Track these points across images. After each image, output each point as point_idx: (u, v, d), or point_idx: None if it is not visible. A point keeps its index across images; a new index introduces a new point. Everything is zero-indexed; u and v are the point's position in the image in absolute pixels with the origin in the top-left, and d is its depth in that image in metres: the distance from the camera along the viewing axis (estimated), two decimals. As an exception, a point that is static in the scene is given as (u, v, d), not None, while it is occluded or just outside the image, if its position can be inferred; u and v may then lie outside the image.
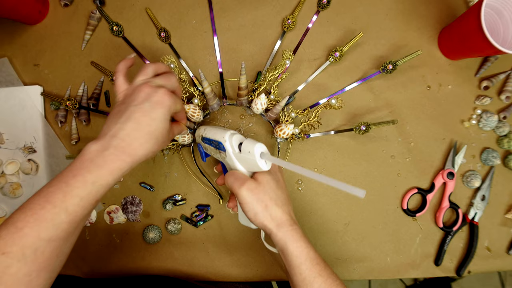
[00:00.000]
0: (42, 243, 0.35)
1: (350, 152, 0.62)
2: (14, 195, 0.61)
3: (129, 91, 0.43)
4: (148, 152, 0.41)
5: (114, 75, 0.48)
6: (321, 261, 0.44)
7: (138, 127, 0.40)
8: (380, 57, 0.62)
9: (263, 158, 0.43)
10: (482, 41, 0.50)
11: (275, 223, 0.44)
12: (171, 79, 0.45)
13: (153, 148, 0.41)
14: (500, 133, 0.61)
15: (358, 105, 0.62)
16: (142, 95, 0.41)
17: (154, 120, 0.41)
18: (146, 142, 0.40)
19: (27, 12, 0.60)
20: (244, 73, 0.51)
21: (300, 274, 0.42)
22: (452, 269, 0.61)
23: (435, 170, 0.62)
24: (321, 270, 0.43)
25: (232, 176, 0.46)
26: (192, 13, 0.63)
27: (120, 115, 0.41)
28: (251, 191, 0.44)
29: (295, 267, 0.43)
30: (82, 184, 0.37)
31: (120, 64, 0.46)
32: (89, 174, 0.37)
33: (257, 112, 0.57)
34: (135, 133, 0.40)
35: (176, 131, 0.50)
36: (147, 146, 0.40)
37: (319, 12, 0.62)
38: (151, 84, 0.42)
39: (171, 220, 0.62)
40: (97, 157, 0.38)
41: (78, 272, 0.62)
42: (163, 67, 0.46)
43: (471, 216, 0.61)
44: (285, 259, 0.44)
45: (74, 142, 0.62)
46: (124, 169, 0.39)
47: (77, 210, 0.37)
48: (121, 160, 0.39)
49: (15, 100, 0.62)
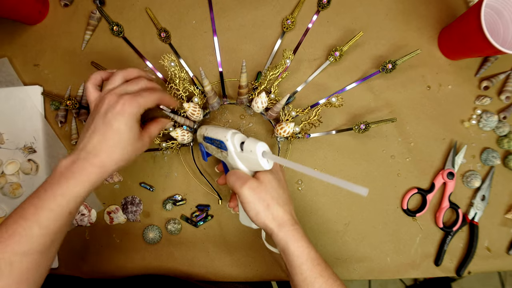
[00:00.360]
0: (17, 257, 0.36)
1: (350, 152, 0.62)
2: (14, 195, 0.61)
3: (97, 101, 0.45)
4: (117, 161, 0.42)
5: (85, 84, 0.48)
6: (322, 261, 0.44)
7: (103, 139, 0.41)
8: (380, 57, 0.62)
9: (265, 157, 0.43)
10: (482, 41, 0.50)
11: (277, 222, 0.44)
12: (139, 83, 0.45)
13: (123, 157, 0.42)
14: (500, 133, 0.61)
15: (358, 105, 0.62)
16: (105, 106, 0.42)
17: (116, 131, 0.41)
18: (113, 152, 0.42)
19: (27, 12, 0.60)
20: (245, 71, 0.51)
21: (301, 274, 0.42)
22: (452, 269, 0.61)
23: (435, 170, 0.62)
24: (322, 271, 0.43)
25: (234, 175, 0.46)
26: (192, 13, 0.63)
27: (88, 127, 0.43)
28: (253, 190, 0.44)
29: (296, 267, 0.43)
30: (52, 197, 0.38)
31: (93, 74, 0.46)
32: (58, 187, 0.39)
33: (257, 111, 0.57)
34: (101, 145, 0.41)
35: (154, 130, 0.49)
36: (115, 156, 0.42)
37: (319, 12, 0.62)
38: (115, 92, 0.43)
39: (171, 220, 0.62)
40: (67, 170, 0.40)
41: (78, 272, 0.62)
42: (134, 72, 0.47)
43: (471, 216, 0.61)
44: (286, 259, 0.44)
45: (74, 142, 0.62)
46: (93, 180, 0.40)
47: (49, 223, 0.38)
48: (89, 172, 0.40)
49: (15, 100, 0.62)
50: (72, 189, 0.39)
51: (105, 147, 0.41)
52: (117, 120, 0.41)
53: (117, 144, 0.42)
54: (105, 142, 0.41)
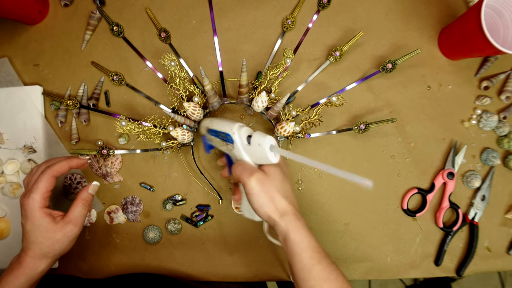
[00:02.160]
0: None
1: (350, 152, 0.62)
2: (14, 195, 0.61)
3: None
4: (41, 253, 0.47)
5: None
6: (322, 250, 0.44)
7: (24, 238, 0.48)
8: (380, 57, 0.62)
9: (273, 151, 0.43)
10: (482, 41, 0.50)
11: (280, 213, 0.44)
12: (38, 170, 0.50)
13: (46, 249, 0.47)
14: (500, 133, 0.61)
15: (358, 105, 0.62)
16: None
17: (25, 229, 0.48)
18: (34, 249, 0.47)
19: (27, 12, 0.60)
20: (245, 70, 0.51)
21: (300, 261, 0.43)
22: (452, 269, 0.61)
23: (435, 170, 0.62)
24: (321, 259, 0.43)
25: (240, 166, 0.46)
26: (192, 13, 0.63)
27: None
28: (259, 181, 0.44)
29: (296, 254, 0.43)
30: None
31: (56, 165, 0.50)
32: (3, 279, 0.46)
33: (257, 110, 0.57)
34: (25, 244, 0.48)
35: (74, 211, 0.50)
36: (37, 252, 0.47)
37: (319, 12, 0.62)
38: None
39: (171, 220, 0.62)
40: (10, 265, 0.48)
41: (78, 272, 0.62)
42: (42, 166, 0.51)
43: (471, 216, 0.61)
44: (286, 248, 0.44)
45: (74, 142, 0.62)
46: (25, 275, 0.47)
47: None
48: (21, 268, 0.47)
49: (15, 100, 0.62)
50: (12, 282, 0.46)
51: (28, 245, 0.48)
52: (22, 218, 0.48)
53: (34, 241, 0.47)
54: (25, 240, 0.48)
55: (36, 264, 0.47)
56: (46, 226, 0.47)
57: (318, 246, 0.44)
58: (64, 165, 0.50)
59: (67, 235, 0.48)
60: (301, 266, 0.43)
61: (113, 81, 0.61)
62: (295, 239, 0.43)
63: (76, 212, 0.50)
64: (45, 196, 0.48)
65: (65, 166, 0.50)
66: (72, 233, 0.48)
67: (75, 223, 0.49)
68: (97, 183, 0.53)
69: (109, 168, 0.61)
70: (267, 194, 0.44)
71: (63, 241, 0.48)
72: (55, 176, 0.49)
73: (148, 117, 0.61)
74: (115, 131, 0.62)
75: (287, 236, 0.43)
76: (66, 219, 0.49)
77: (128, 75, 0.63)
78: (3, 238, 0.61)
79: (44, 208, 0.48)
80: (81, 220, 0.50)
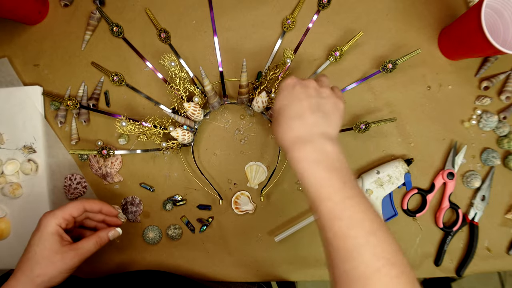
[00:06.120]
0: None
1: (350, 152, 0.62)
2: (14, 195, 0.61)
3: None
4: (29, 275, 0.45)
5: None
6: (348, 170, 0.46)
7: (23, 254, 0.47)
8: (380, 57, 0.62)
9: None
10: (482, 41, 0.50)
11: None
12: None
13: (37, 271, 0.45)
14: (500, 133, 0.61)
15: (358, 105, 0.62)
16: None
17: (29, 243, 0.47)
18: (24, 269, 0.46)
19: (27, 12, 0.60)
20: (245, 70, 0.51)
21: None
22: (452, 269, 0.61)
23: (435, 170, 0.62)
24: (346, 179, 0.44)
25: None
26: (192, 13, 0.63)
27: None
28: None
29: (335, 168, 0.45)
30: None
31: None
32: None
33: (257, 110, 0.57)
34: (19, 263, 0.47)
35: (85, 245, 0.49)
36: (27, 273, 0.46)
37: (319, 12, 0.62)
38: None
39: (171, 226, 0.61)
40: (8, 281, 0.46)
41: (78, 272, 0.61)
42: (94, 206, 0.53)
43: (471, 216, 0.61)
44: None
45: (74, 142, 0.62)
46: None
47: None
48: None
49: (15, 100, 0.62)
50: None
51: (28, 267, 0.46)
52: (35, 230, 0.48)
53: (34, 267, 0.46)
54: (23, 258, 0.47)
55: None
56: (50, 243, 0.46)
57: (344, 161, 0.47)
58: (97, 204, 0.52)
59: (65, 261, 0.46)
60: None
61: (113, 81, 0.61)
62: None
63: (86, 245, 0.49)
64: (67, 217, 0.48)
65: (97, 205, 0.52)
66: (71, 262, 0.47)
67: (79, 254, 0.48)
68: (120, 230, 0.54)
69: (109, 168, 0.61)
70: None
71: (58, 266, 0.46)
72: (85, 207, 0.51)
73: (148, 118, 0.61)
74: (115, 132, 0.62)
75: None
76: (72, 246, 0.48)
77: (128, 76, 0.63)
78: (3, 238, 0.61)
79: (59, 227, 0.48)
80: (86, 255, 0.49)
